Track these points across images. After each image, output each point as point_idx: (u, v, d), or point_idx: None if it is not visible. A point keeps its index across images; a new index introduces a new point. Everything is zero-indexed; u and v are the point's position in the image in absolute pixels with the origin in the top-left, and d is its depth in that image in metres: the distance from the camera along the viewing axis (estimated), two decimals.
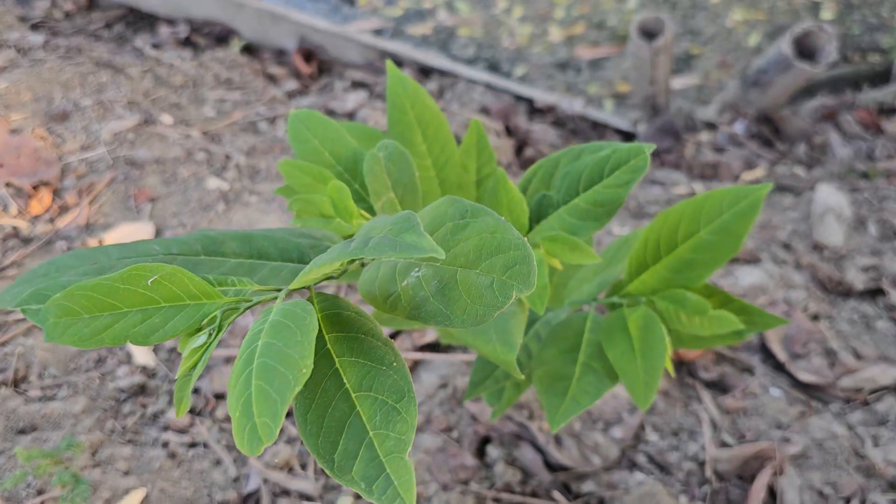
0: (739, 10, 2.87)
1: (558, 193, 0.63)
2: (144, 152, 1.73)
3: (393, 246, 0.38)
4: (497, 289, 0.42)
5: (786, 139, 2.10)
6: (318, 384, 0.45)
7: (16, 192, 1.56)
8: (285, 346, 0.39)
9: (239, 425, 0.37)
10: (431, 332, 1.34)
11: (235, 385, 0.39)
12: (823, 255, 1.58)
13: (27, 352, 1.25)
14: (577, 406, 0.64)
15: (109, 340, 0.44)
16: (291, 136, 0.62)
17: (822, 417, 1.21)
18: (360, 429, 0.43)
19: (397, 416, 0.43)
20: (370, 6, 3.02)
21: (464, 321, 0.43)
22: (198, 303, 0.46)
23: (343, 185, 0.51)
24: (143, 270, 0.43)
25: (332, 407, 0.44)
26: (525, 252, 0.41)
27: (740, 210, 0.64)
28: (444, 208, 0.45)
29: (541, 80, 2.62)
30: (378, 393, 0.44)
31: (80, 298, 0.43)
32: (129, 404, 1.21)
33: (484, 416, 1.19)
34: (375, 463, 0.42)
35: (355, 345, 0.47)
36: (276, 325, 0.41)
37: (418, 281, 0.45)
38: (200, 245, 0.57)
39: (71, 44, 2.18)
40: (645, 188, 1.88)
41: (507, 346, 0.57)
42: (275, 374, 0.38)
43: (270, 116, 2.03)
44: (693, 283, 0.67)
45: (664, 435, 1.20)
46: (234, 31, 2.42)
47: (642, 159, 0.59)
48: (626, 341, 0.66)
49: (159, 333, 0.45)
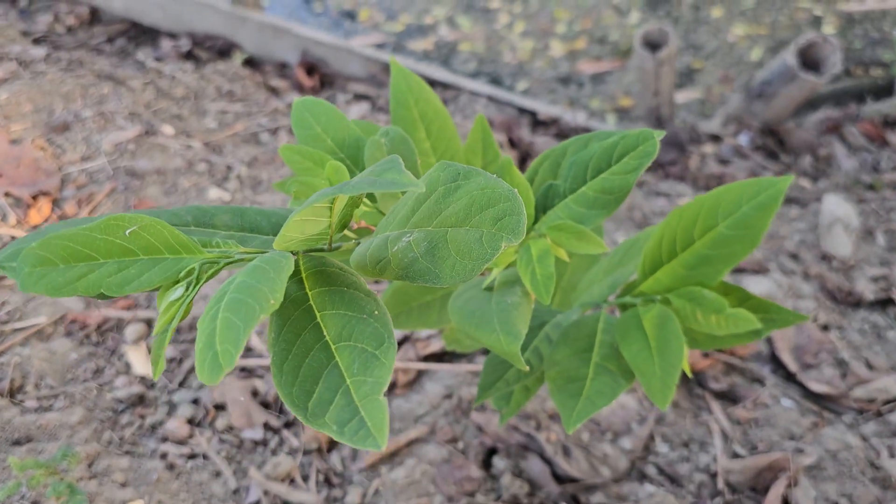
0: (741, 24, 2.87)
1: (565, 182, 0.62)
2: (145, 163, 1.72)
3: (373, 183, 0.37)
4: (486, 241, 0.40)
5: (791, 151, 2.09)
6: (297, 336, 0.44)
7: (15, 203, 1.54)
8: (257, 283, 0.39)
9: (201, 356, 0.36)
10: (436, 341, 1.32)
11: (204, 321, 0.38)
12: (832, 266, 1.56)
13: (24, 361, 1.22)
14: (592, 406, 0.62)
15: (83, 290, 0.43)
16: (295, 122, 0.61)
17: (835, 428, 1.19)
18: (337, 377, 0.42)
19: (375, 362, 0.42)
20: (371, 21, 3.03)
21: (452, 277, 0.42)
22: (177, 256, 0.45)
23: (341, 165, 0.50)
24: (122, 220, 0.42)
25: (309, 357, 0.43)
26: (514, 203, 0.40)
27: (760, 202, 0.62)
28: (437, 173, 0.44)
29: (543, 94, 2.62)
30: (357, 341, 0.43)
31: (56, 248, 0.42)
32: (127, 415, 1.18)
33: (490, 427, 1.16)
34: (350, 407, 0.40)
35: (337, 297, 0.46)
36: (252, 268, 0.41)
37: (408, 245, 0.44)
38: (191, 216, 0.55)
39: (73, 57, 2.17)
40: (650, 200, 1.86)
41: (511, 336, 0.55)
42: (242, 305, 0.37)
43: (272, 128, 2.01)
44: (710, 281, 0.65)
45: (674, 446, 1.17)
46: (236, 44, 2.42)
47: (651, 144, 0.57)
48: (641, 339, 0.64)
49: (134, 284, 0.44)
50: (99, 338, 1.30)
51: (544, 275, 0.59)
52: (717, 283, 0.66)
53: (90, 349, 1.27)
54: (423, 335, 1.34)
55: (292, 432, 1.17)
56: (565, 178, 0.62)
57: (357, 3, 3.13)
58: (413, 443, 1.15)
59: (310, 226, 0.46)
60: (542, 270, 0.59)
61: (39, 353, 1.24)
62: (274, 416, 1.19)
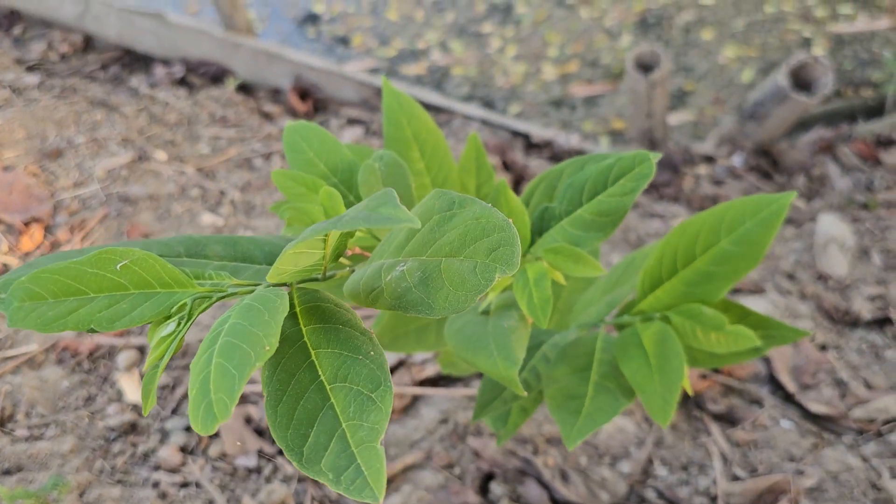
0: (732, 46, 2.90)
1: (561, 205, 0.61)
2: (138, 189, 1.71)
3: (367, 219, 0.37)
4: (480, 272, 0.40)
5: (784, 171, 2.09)
6: (292, 376, 0.43)
7: (7, 229, 1.53)
8: (251, 326, 0.38)
9: (194, 404, 0.35)
10: (432, 365, 1.30)
11: (197, 364, 0.37)
12: (828, 285, 1.56)
13: (15, 390, 1.21)
14: (592, 424, 0.61)
15: (73, 325, 0.42)
16: (287, 147, 0.60)
17: (835, 449, 1.18)
18: (332, 420, 0.41)
19: (372, 406, 0.41)
20: (364, 47, 3.04)
21: (445, 308, 0.41)
22: (168, 290, 0.44)
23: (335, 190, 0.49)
24: (113, 254, 0.42)
25: (304, 399, 0.42)
26: (509, 234, 0.40)
27: (763, 219, 0.62)
28: (432, 202, 0.44)
29: (536, 117, 2.63)
30: (353, 383, 0.42)
31: (46, 282, 0.41)
32: (118, 443, 1.16)
33: (487, 452, 1.15)
34: (346, 454, 0.39)
35: (332, 335, 0.45)
36: (245, 307, 0.40)
37: (402, 274, 0.44)
38: (183, 247, 0.54)
39: (66, 84, 2.17)
40: (645, 221, 1.86)
41: (508, 361, 0.54)
42: (237, 351, 0.36)
43: (266, 153, 2.01)
44: (711, 298, 0.64)
45: (673, 469, 1.16)
46: (229, 70, 2.42)
47: (647, 166, 0.56)
48: (641, 357, 0.63)
49: (125, 320, 0.43)
50: (91, 365, 1.28)
51: (541, 298, 0.58)
52: (718, 301, 0.65)
53: (82, 377, 1.26)
54: (418, 359, 1.32)
55: (286, 459, 1.15)
56: (561, 200, 0.61)
57: (350, 29, 3.15)
58: (409, 469, 1.13)
59: (304, 258, 0.45)
60: (539, 294, 0.58)
61: (31, 381, 1.22)
62: (268, 443, 1.17)
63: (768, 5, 3.12)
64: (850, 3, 3.09)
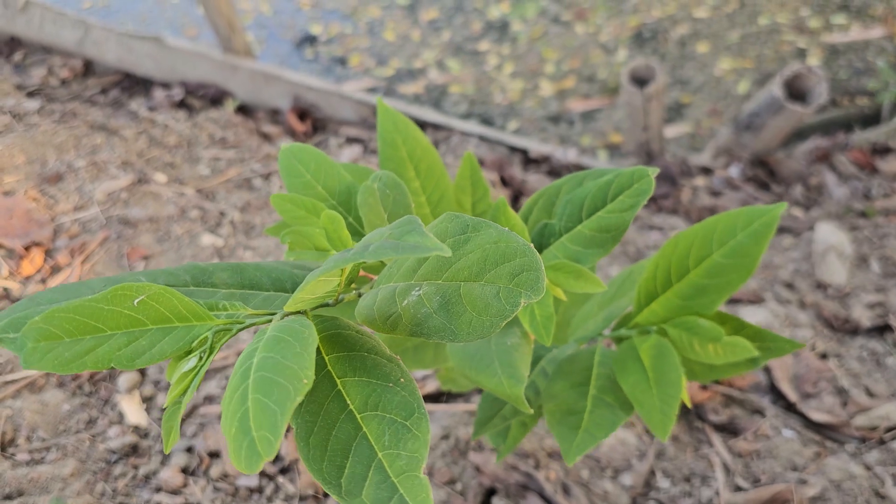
0: (727, 59, 2.91)
1: (560, 221, 0.61)
2: (138, 211, 1.72)
3: (395, 248, 0.36)
4: (504, 297, 0.39)
5: (781, 181, 2.10)
6: (321, 406, 0.43)
7: (7, 254, 1.54)
8: (284, 359, 0.37)
9: (235, 443, 0.34)
10: (432, 381, 1.30)
11: (230, 402, 0.36)
12: (827, 294, 1.56)
13: (15, 414, 1.21)
14: (592, 439, 0.61)
15: (92, 364, 0.41)
16: (283, 170, 0.60)
17: (838, 458, 1.17)
18: (367, 450, 0.40)
19: (408, 434, 0.40)
20: (362, 66, 3.06)
21: (469, 334, 0.40)
22: (187, 325, 0.44)
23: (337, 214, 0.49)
24: (129, 290, 0.41)
25: (336, 429, 0.41)
26: (532, 258, 0.39)
27: (754, 230, 0.62)
28: (445, 225, 0.43)
29: (534, 133, 2.64)
30: (385, 411, 0.41)
31: (60, 321, 0.40)
32: (120, 465, 1.16)
33: (488, 467, 1.15)
34: (387, 484, 0.39)
35: (358, 364, 0.44)
36: (273, 339, 0.39)
37: (419, 299, 0.43)
38: (189, 276, 0.54)
39: (66, 109, 2.19)
40: (643, 233, 1.87)
41: (513, 379, 0.54)
42: (274, 386, 0.35)
43: (265, 173, 2.02)
44: (706, 310, 0.64)
45: (676, 481, 1.15)
46: (228, 92, 2.44)
47: (647, 182, 0.57)
48: (639, 371, 0.63)
49: (146, 356, 0.42)
50: (91, 388, 1.29)
51: (544, 315, 0.58)
52: (713, 313, 0.66)
53: (83, 399, 1.26)
54: (419, 376, 1.33)
55: (288, 478, 1.15)
56: (560, 217, 0.61)
57: (347, 50, 3.18)
58: None
59: (321, 286, 0.45)
60: (542, 311, 0.58)
61: (31, 404, 1.23)
62: (269, 463, 1.17)
63: (762, 17, 3.14)
64: (844, 13, 3.11)
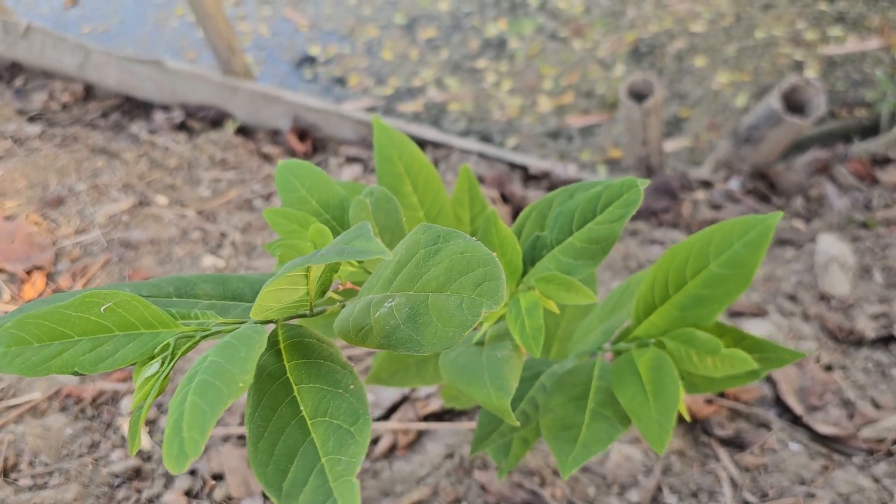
0: (724, 72, 2.92)
1: (552, 233, 0.61)
2: (139, 233, 1.72)
3: (340, 252, 0.37)
4: (466, 307, 0.40)
5: (782, 193, 2.10)
6: (274, 411, 0.43)
7: (9, 278, 1.54)
8: (227, 363, 0.38)
9: (167, 442, 0.35)
10: (436, 400, 1.30)
11: (174, 402, 0.37)
12: (831, 305, 1.55)
13: (18, 439, 1.20)
14: (588, 452, 0.61)
15: (57, 368, 0.42)
16: (279, 185, 0.61)
17: (845, 470, 1.16)
18: (312, 455, 0.41)
19: (350, 440, 0.41)
20: (361, 86, 3.08)
21: (434, 345, 0.41)
22: (153, 331, 0.45)
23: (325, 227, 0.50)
24: (97, 297, 0.42)
25: (285, 434, 0.42)
26: (493, 268, 0.40)
27: (751, 240, 0.62)
28: (418, 236, 0.44)
29: (533, 149, 2.65)
30: (333, 417, 0.42)
31: (31, 327, 0.41)
32: (123, 489, 1.16)
33: (493, 486, 1.14)
34: (324, 489, 0.39)
35: (314, 370, 0.45)
36: (223, 345, 0.40)
37: (390, 311, 0.44)
38: (173, 287, 0.55)
39: (67, 133, 2.20)
40: (644, 247, 1.86)
41: (501, 391, 0.54)
42: (210, 388, 0.36)
43: (265, 193, 2.03)
44: (704, 322, 0.64)
45: (683, 496, 1.14)
46: (228, 113, 2.45)
47: (635, 193, 0.57)
48: (636, 384, 0.63)
49: (109, 361, 0.43)
50: (94, 411, 1.28)
51: (533, 327, 0.58)
52: (712, 324, 0.65)
53: (85, 423, 1.25)
54: (423, 394, 1.32)
55: None
56: (552, 229, 0.62)
57: (346, 70, 3.19)
58: None
59: (286, 294, 0.46)
60: (532, 323, 0.58)
61: (34, 429, 1.22)
62: None
63: (759, 31, 3.15)
64: (840, 25, 3.12)
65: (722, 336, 0.66)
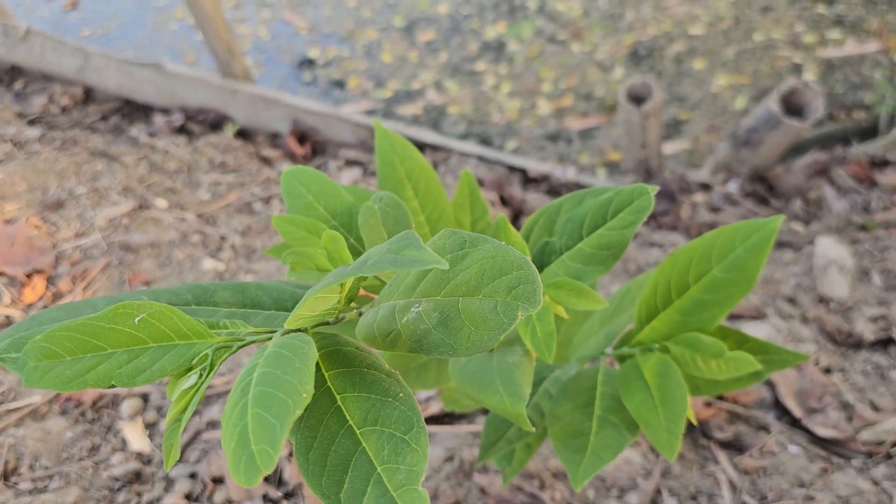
0: (723, 75, 2.93)
1: (561, 239, 0.61)
2: (139, 237, 1.72)
3: (394, 262, 0.36)
4: (502, 311, 0.40)
5: (781, 196, 2.11)
6: (320, 422, 0.43)
7: (9, 281, 1.54)
8: (283, 374, 0.37)
9: (235, 457, 0.34)
10: (435, 403, 1.30)
11: (230, 417, 0.36)
12: (830, 308, 1.55)
13: (18, 442, 1.20)
14: (599, 461, 0.61)
15: (93, 382, 0.41)
16: (285, 192, 0.61)
17: (844, 473, 1.17)
18: (366, 464, 0.41)
19: (407, 448, 0.40)
20: (360, 89, 3.08)
21: (468, 349, 0.41)
22: (188, 342, 0.44)
23: (338, 234, 0.50)
24: (130, 309, 0.41)
25: (335, 444, 0.42)
26: (528, 271, 0.40)
27: (753, 244, 0.62)
28: (443, 241, 0.44)
29: (532, 152, 2.65)
30: (385, 426, 0.42)
31: (62, 340, 0.40)
32: (123, 493, 1.16)
33: (493, 489, 1.14)
34: (386, 498, 0.39)
35: (357, 379, 0.45)
36: (273, 355, 0.39)
37: (419, 315, 0.43)
38: (191, 295, 0.54)
39: (67, 136, 2.20)
40: (644, 250, 1.87)
41: (515, 396, 0.54)
42: (273, 400, 0.35)
43: (265, 197, 2.03)
44: (708, 326, 0.64)
45: (682, 499, 1.14)
46: (227, 116, 2.45)
47: (646, 199, 0.57)
48: (643, 390, 0.63)
49: (146, 374, 0.42)
50: (94, 414, 1.28)
51: (545, 332, 0.58)
52: (715, 328, 0.66)
53: (85, 427, 1.25)
54: (422, 397, 1.32)
55: (292, 503, 1.14)
56: (561, 234, 0.62)
57: (346, 73, 3.20)
58: None
59: (321, 303, 0.45)
60: (543, 328, 0.58)
61: (34, 433, 1.22)
62: (273, 487, 1.16)
63: (757, 33, 3.16)
64: (838, 28, 3.13)
65: (725, 339, 0.67)
